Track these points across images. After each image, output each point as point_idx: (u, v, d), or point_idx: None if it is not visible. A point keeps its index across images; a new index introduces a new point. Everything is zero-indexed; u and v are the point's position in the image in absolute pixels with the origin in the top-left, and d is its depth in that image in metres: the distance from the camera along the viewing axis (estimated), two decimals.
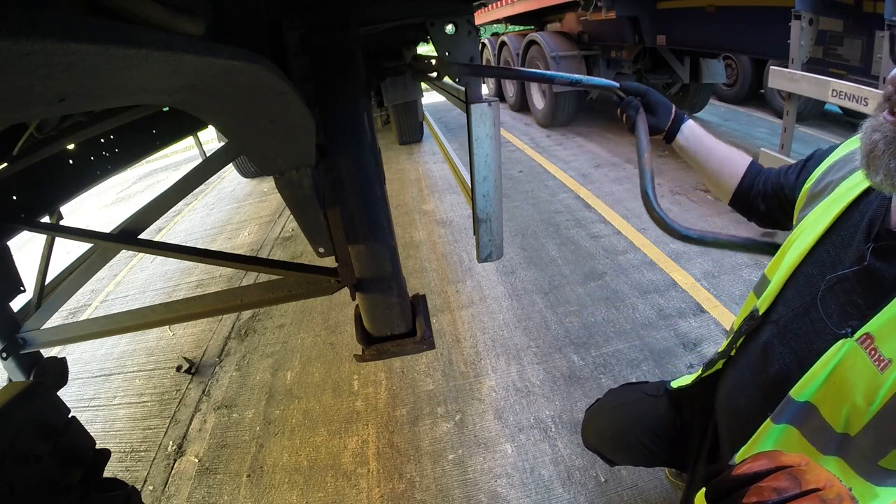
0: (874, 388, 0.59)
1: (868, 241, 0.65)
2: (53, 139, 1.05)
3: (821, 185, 0.79)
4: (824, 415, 0.65)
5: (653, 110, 1.02)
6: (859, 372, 0.61)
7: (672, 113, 1.02)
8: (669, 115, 1.02)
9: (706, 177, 1.03)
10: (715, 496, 0.44)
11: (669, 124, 1.02)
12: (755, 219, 0.98)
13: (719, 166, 0.99)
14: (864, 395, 0.60)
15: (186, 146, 7.99)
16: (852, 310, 0.65)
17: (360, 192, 1.00)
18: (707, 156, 1.00)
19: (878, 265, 0.63)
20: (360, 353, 1.19)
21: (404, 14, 1.01)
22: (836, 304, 0.67)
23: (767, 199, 0.92)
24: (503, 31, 7.84)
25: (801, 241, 0.75)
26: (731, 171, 0.97)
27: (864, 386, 0.60)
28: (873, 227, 0.66)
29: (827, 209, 0.74)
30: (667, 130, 1.02)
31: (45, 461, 0.84)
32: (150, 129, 1.76)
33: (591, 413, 1.27)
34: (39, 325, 1.23)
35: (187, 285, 3.43)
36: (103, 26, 0.25)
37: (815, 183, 0.81)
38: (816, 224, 0.74)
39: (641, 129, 1.00)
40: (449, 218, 3.74)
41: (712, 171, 1.00)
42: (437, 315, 2.53)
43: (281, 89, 0.54)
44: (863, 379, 0.60)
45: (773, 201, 0.91)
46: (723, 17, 3.41)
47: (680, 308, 2.32)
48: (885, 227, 0.65)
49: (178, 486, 1.81)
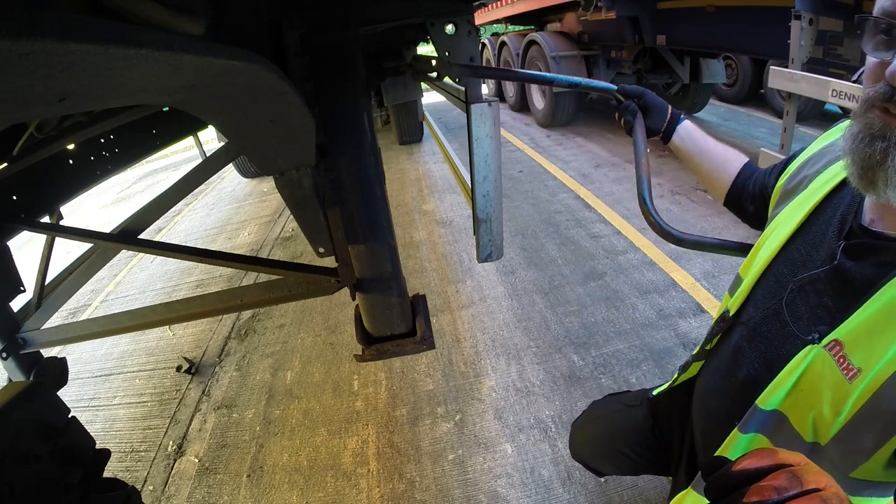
0: (842, 397, 0.55)
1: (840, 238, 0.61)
2: (53, 139, 1.05)
3: (795, 180, 0.76)
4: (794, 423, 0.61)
5: (650, 112, 1.03)
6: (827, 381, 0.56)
7: (668, 114, 1.02)
8: (666, 117, 1.02)
9: (701, 177, 1.02)
10: (714, 494, 0.44)
11: (666, 125, 1.02)
12: (746, 219, 0.97)
13: (714, 167, 0.98)
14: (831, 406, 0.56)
15: (186, 146, 7.99)
16: (822, 312, 0.61)
17: (360, 192, 1.00)
18: (702, 156, 0.99)
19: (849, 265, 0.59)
20: (360, 353, 1.19)
21: (404, 14, 1.01)
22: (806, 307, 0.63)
23: (756, 200, 0.90)
24: (503, 31, 7.84)
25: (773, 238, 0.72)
26: (726, 171, 0.96)
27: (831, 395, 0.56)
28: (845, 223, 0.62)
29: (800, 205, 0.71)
30: (663, 131, 1.03)
31: (45, 461, 0.84)
32: (150, 129, 1.76)
33: (576, 427, 1.28)
34: (39, 325, 1.23)
35: (187, 285, 3.43)
36: (103, 26, 0.25)
37: (788, 179, 0.78)
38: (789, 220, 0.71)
39: (639, 134, 1.00)
40: (449, 218, 3.74)
41: (707, 171, 0.99)
42: (437, 315, 2.53)
43: (281, 89, 0.54)
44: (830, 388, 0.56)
45: (760, 202, 0.89)
46: (723, 17, 3.41)
47: (680, 308, 2.32)
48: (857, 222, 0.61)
49: (178, 486, 1.81)
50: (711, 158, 0.98)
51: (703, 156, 0.99)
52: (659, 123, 1.02)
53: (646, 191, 0.96)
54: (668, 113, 1.02)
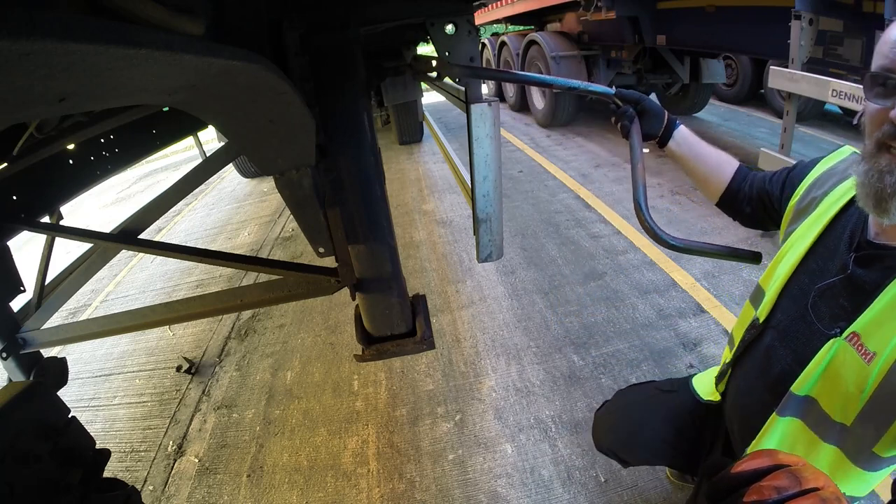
0: (863, 378, 0.67)
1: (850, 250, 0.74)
2: (53, 139, 1.05)
3: (805, 201, 0.87)
4: (823, 406, 0.74)
5: (646, 117, 1.06)
6: (849, 366, 0.69)
7: (665, 119, 1.06)
8: (662, 122, 1.05)
9: (696, 180, 1.08)
10: (714, 495, 0.44)
11: (662, 130, 1.06)
12: (740, 219, 1.05)
13: (709, 171, 1.04)
14: (855, 385, 0.68)
15: (186, 146, 7.99)
16: (840, 312, 0.73)
17: (360, 192, 1.00)
18: (697, 161, 1.05)
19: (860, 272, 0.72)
20: (360, 353, 1.19)
21: (404, 14, 1.01)
22: (827, 308, 0.76)
23: (753, 202, 0.99)
24: (503, 31, 7.84)
25: (792, 254, 0.84)
26: (720, 174, 1.03)
27: (854, 378, 0.68)
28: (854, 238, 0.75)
29: (813, 224, 0.82)
30: (660, 136, 1.06)
31: (45, 461, 0.84)
32: (150, 129, 1.76)
33: (602, 415, 1.28)
34: (39, 325, 1.23)
35: (187, 285, 3.43)
36: (103, 26, 0.25)
37: (799, 200, 0.89)
38: (804, 238, 0.82)
39: (635, 139, 1.02)
40: (449, 218, 3.74)
41: (703, 174, 1.05)
42: (437, 315, 2.53)
43: (281, 89, 0.54)
44: (853, 371, 0.68)
45: (758, 205, 0.98)
46: (723, 17, 3.41)
47: (680, 308, 2.32)
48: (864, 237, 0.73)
49: (178, 486, 1.81)
50: (706, 163, 1.05)
51: (699, 160, 1.05)
52: (656, 128, 1.05)
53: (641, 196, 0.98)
54: (665, 118, 1.05)
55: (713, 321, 2.20)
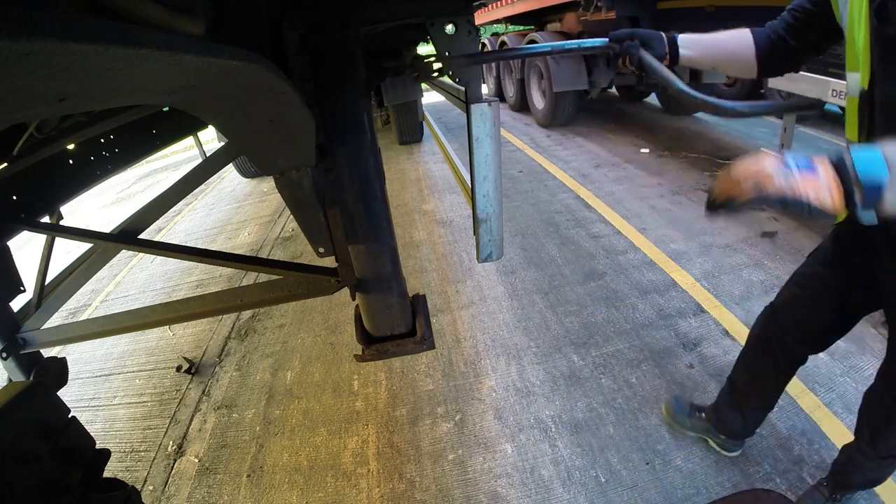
0: None
1: None
2: (53, 139, 1.05)
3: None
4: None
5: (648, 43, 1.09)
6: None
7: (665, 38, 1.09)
8: (664, 41, 1.09)
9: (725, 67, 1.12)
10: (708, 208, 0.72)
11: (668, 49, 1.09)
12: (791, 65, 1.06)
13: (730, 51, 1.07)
14: None
15: (186, 146, 8.00)
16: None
17: (360, 192, 1.00)
18: (715, 50, 1.08)
19: None
20: (360, 353, 1.19)
21: (404, 14, 1.01)
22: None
23: (795, 33, 1.00)
24: (503, 31, 7.85)
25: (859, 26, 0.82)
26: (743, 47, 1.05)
27: None
28: None
29: None
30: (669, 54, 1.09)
31: (45, 461, 0.84)
32: (150, 129, 1.77)
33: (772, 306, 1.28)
34: (39, 325, 1.23)
35: (187, 285, 3.43)
36: (103, 26, 0.25)
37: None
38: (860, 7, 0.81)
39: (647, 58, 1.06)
40: (449, 218, 3.74)
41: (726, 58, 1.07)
42: (437, 315, 2.53)
43: (281, 89, 0.54)
44: None
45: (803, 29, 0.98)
46: (723, 16, 3.41)
47: (680, 308, 2.32)
48: None
49: (178, 486, 1.81)
50: (725, 47, 1.08)
51: (716, 48, 1.08)
52: (661, 50, 1.09)
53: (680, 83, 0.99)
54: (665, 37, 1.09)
55: (713, 321, 2.20)
